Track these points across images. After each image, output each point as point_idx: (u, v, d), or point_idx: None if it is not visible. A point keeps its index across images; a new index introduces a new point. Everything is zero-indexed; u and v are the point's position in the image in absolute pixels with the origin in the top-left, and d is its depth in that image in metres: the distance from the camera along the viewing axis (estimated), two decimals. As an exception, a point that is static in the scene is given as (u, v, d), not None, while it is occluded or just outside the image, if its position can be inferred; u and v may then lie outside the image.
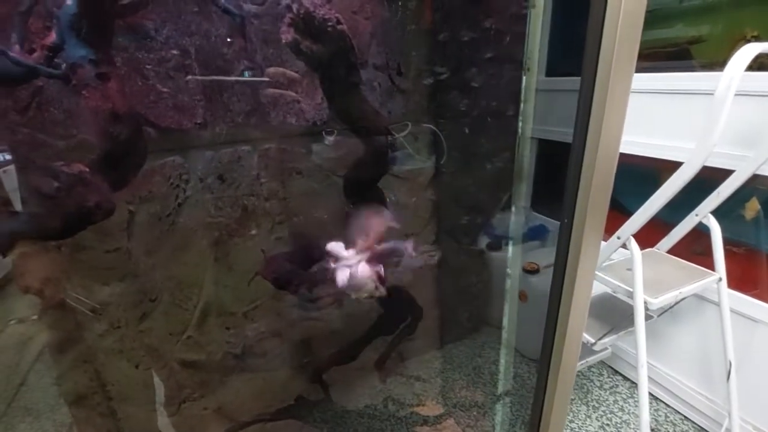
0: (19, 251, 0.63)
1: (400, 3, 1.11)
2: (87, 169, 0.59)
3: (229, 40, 0.89)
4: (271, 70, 1.07)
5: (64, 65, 0.61)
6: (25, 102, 0.79)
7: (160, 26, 0.83)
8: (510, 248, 1.10)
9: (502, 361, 1.25)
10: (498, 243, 1.98)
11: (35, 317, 0.92)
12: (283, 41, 0.66)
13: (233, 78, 1.01)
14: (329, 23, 0.64)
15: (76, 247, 0.92)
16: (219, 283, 1.13)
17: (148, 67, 0.85)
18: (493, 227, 1.98)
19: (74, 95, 0.68)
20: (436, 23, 1.19)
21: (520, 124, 0.86)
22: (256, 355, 1.21)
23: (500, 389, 1.31)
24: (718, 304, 1.43)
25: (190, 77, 0.89)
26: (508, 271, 1.09)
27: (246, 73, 1.06)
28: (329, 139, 1.28)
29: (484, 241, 2.01)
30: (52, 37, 0.62)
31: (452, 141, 1.32)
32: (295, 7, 0.63)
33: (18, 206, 0.82)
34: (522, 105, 0.83)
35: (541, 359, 0.93)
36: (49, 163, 0.58)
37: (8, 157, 0.89)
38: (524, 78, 0.80)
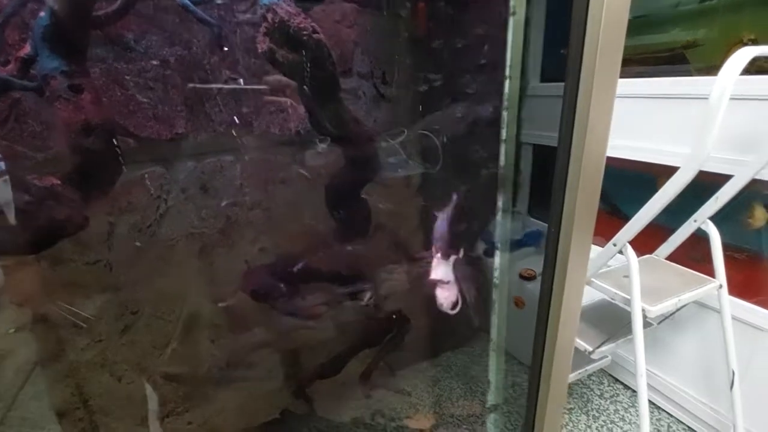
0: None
1: (384, 11, 1.11)
2: (59, 182, 0.58)
3: (209, 50, 0.89)
4: (269, 77, 1.07)
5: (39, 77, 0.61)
6: (3, 114, 0.79)
7: (139, 37, 0.83)
8: (498, 256, 1.09)
9: (492, 372, 1.23)
10: (494, 249, 1.96)
11: (12, 331, 0.91)
12: (259, 50, 0.66)
13: (234, 86, 1.01)
14: (304, 32, 0.64)
15: (55, 260, 0.92)
16: (202, 295, 1.13)
17: (127, 77, 0.85)
18: (490, 233, 1.96)
19: (50, 107, 0.68)
20: (422, 31, 1.19)
21: (504, 130, 0.85)
22: (241, 368, 1.20)
23: (491, 401, 1.29)
24: (719, 312, 1.40)
25: (171, 87, 0.89)
26: (495, 280, 1.08)
27: (241, 81, 1.07)
28: (322, 147, 1.28)
29: (481, 248, 1.99)
30: (27, 48, 0.62)
31: (439, 148, 1.31)
32: (269, 16, 0.63)
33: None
34: (505, 112, 0.82)
35: (532, 369, 0.91)
36: (22, 176, 0.58)
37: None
38: (506, 84, 0.80)
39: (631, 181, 1.75)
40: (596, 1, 0.63)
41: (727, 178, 1.32)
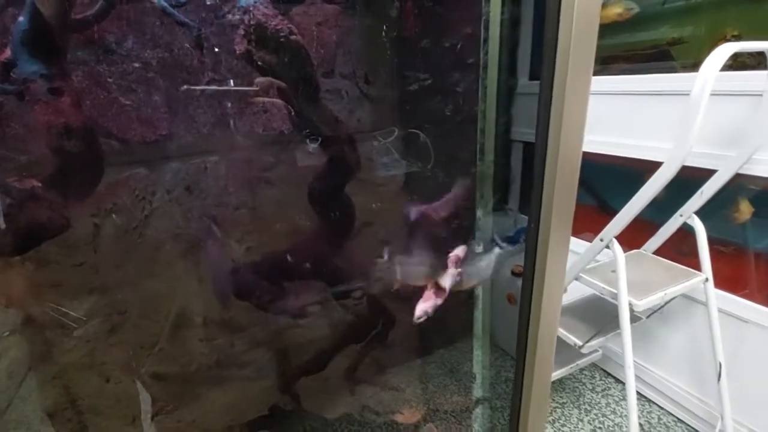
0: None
1: (367, 13, 1.12)
2: (40, 185, 0.59)
3: (189, 51, 0.90)
4: (261, 79, 1.09)
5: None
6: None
7: (121, 39, 0.84)
8: (483, 252, 1.10)
9: (478, 366, 1.25)
10: (489, 246, 1.97)
11: (5, 334, 0.92)
12: (237, 52, 0.67)
13: (225, 87, 1.02)
14: (281, 34, 0.65)
15: (41, 261, 0.93)
16: (190, 295, 1.14)
17: (109, 80, 0.86)
18: (482, 230, 1.97)
19: (30, 110, 0.69)
20: (402, 30, 1.21)
21: (484, 128, 0.86)
22: (229, 367, 1.21)
23: (476, 395, 1.30)
24: (706, 305, 1.42)
25: (154, 89, 0.90)
26: (478, 277, 1.09)
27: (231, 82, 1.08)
28: (313, 147, 1.29)
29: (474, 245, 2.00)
30: (7, 53, 0.63)
31: (421, 146, 1.33)
32: (246, 19, 0.64)
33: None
34: (483, 109, 0.83)
35: (517, 362, 0.92)
36: (2, 179, 0.58)
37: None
38: (483, 82, 0.81)
39: (619, 177, 1.77)
40: (568, -1, 0.65)
41: (711, 173, 1.34)
